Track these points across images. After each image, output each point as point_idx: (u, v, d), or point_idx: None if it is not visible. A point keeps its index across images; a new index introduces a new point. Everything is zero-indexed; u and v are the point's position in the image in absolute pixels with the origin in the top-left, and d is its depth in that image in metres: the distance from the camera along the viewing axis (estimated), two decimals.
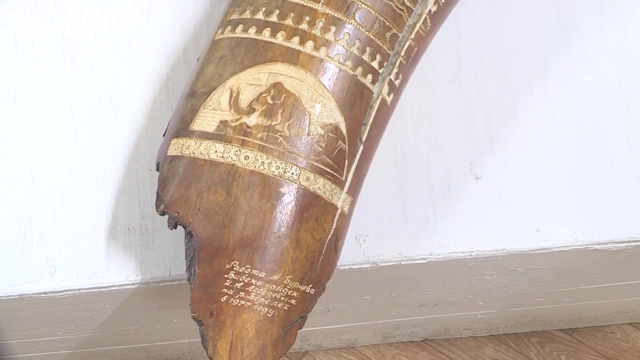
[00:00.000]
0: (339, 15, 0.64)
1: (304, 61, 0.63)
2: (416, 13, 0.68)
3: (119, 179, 0.71)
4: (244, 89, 0.63)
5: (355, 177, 0.64)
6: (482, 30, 0.78)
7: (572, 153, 0.73)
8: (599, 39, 0.77)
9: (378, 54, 0.65)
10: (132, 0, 0.77)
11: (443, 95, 0.75)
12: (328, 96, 0.63)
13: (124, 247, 0.69)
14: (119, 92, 0.74)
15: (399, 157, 0.73)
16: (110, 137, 0.72)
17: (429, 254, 0.70)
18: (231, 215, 0.60)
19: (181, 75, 0.74)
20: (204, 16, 0.76)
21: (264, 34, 0.64)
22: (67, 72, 0.74)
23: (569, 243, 0.70)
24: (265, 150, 0.61)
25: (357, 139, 0.64)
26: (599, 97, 0.75)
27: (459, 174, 0.72)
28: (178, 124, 0.64)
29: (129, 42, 0.75)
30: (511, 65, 0.76)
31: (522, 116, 0.74)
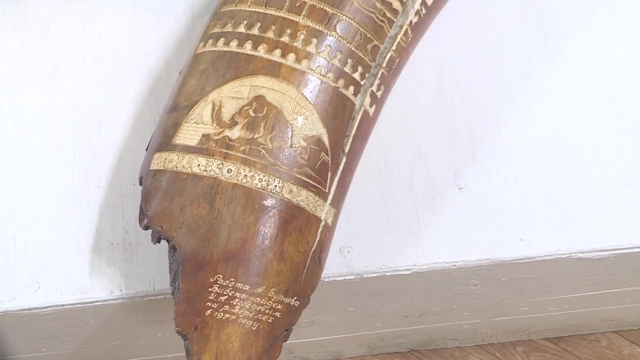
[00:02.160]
0: (320, 28, 0.64)
1: (286, 74, 0.63)
2: (397, 24, 0.68)
3: (102, 193, 0.71)
4: (226, 102, 0.63)
5: (338, 188, 0.64)
6: (463, 40, 0.78)
7: (554, 162, 0.73)
8: (580, 48, 0.78)
9: (360, 66, 0.65)
10: (113, 15, 0.77)
11: (425, 106, 0.75)
12: (310, 108, 0.63)
13: (107, 262, 0.69)
14: (101, 107, 0.73)
15: (382, 168, 0.73)
16: (93, 152, 0.72)
17: (413, 265, 0.70)
18: (215, 229, 0.60)
19: (163, 89, 0.74)
20: (186, 30, 0.76)
21: (246, 47, 0.64)
22: (49, 87, 0.74)
23: (552, 252, 0.71)
24: (247, 163, 0.61)
25: (340, 150, 0.64)
26: (581, 106, 0.75)
27: (442, 184, 0.72)
28: (161, 138, 0.64)
29: (111, 57, 0.75)
30: (493, 75, 0.76)
31: (505, 125, 0.74)
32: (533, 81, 0.76)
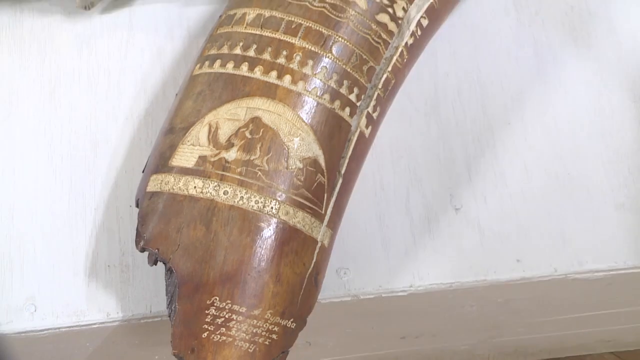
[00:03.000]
0: (315, 49, 0.65)
1: (282, 95, 0.63)
2: (393, 46, 0.68)
3: (99, 216, 0.71)
4: (222, 124, 0.63)
5: (334, 210, 0.64)
6: (458, 61, 0.78)
7: (550, 183, 0.73)
8: (574, 69, 0.78)
9: (355, 87, 0.65)
10: (110, 37, 0.77)
11: (421, 127, 0.75)
12: (306, 130, 0.63)
13: (104, 284, 0.68)
14: (98, 129, 0.73)
15: (378, 189, 0.73)
16: (89, 174, 0.72)
17: (409, 286, 0.70)
18: (211, 251, 0.60)
19: (160, 111, 0.74)
20: (182, 52, 0.77)
21: (242, 69, 0.64)
22: (46, 110, 0.74)
23: (548, 273, 0.71)
24: (244, 184, 0.61)
25: (336, 172, 0.64)
26: (576, 127, 0.75)
27: (438, 206, 0.72)
28: (157, 160, 0.64)
29: (108, 79, 0.75)
30: (488, 96, 0.77)
31: (500, 147, 0.75)
32: (528, 103, 0.76)
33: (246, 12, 0.67)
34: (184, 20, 0.78)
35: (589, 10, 0.81)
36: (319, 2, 0.66)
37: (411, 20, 0.69)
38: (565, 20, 0.80)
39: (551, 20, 0.80)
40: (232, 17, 0.67)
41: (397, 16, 0.68)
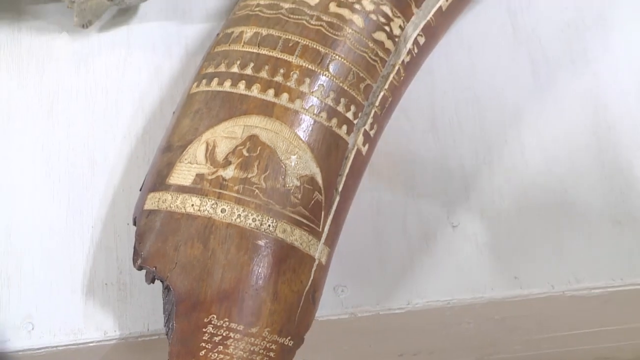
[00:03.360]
0: (313, 67, 0.65)
1: (279, 113, 0.63)
2: (389, 64, 0.68)
3: (97, 234, 0.71)
4: (219, 142, 0.63)
5: (332, 227, 0.64)
6: (455, 79, 0.78)
7: (546, 199, 0.73)
8: (571, 86, 0.78)
9: (352, 105, 0.65)
10: (108, 56, 0.77)
11: (418, 144, 0.75)
12: (304, 147, 0.63)
13: (102, 302, 0.68)
14: (95, 147, 0.74)
15: (375, 206, 0.73)
16: (87, 192, 0.72)
17: (407, 304, 0.70)
18: (208, 269, 0.60)
19: (157, 129, 0.74)
20: (180, 70, 0.77)
21: (239, 87, 0.64)
22: (44, 127, 0.74)
23: (546, 290, 0.70)
24: (241, 202, 0.61)
25: (334, 189, 0.64)
26: (572, 143, 0.76)
27: (436, 223, 0.72)
28: (154, 178, 0.64)
29: (105, 97, 0.76)
30: (485, 113, 0.77)
31: (497, 164, 0.75)
32: (525, 119, 0.76)
33: (243, 31, 0.67)
34: (182, 39, 0.78)
35: (585, 27, 0.81)
36: (316, 21, 0.66)
37: (408, 38, 0.69)
38: (562, 37, 0.80)
39: (547, 37, 0.81)
40: (229, 35, 0.68)
41: (394, 34, 0.68)
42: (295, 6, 0.67)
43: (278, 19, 0.66)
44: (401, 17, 0.69)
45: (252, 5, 0.68)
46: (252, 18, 0.67)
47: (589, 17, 0.81)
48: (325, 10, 0.67)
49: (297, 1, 0.67)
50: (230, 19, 0.70)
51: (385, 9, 0.68)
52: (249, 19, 0.67)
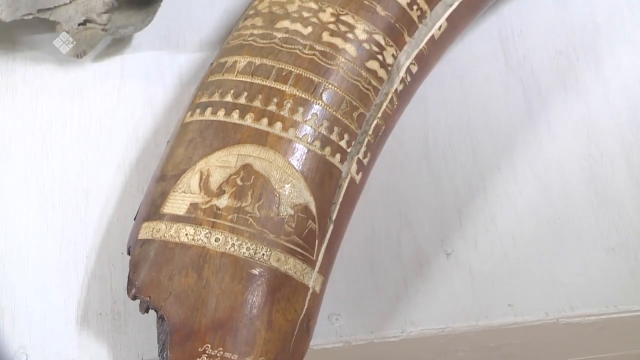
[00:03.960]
0: (306, 96, 0.65)
1: (273, 142, 0.64)
2: (383, 92, 0.69)
3: (91, 263, 0.70)
4: (213, 171, 0.63)
5: (326, 256, 0.64)
6: (448, 106, 0.79)
7: (540, 227, 0.74)
8: (563, 114, 0.79)
9: (346, 133, 0.66)
10: (102, 85, 0.77)
11: (412, 172, 0.76)
12: (297, 176, 0.63)
13: (96, 332, 0.68)
14: (89, 177, 0.74)
15: (369, 234, 0.73)
16: (81, 222, 0.72)
17: (401, 332, 0.70)
18: (203, 298, 0.60)
19: (151, 159, 0.74)
20: (174, 99, 0.77)
21: (233, 116, 0.64)
22: (38, 158, 0.74)
23: (540, 317, 0.70)
24: (235, 231, 0.61)
25: (327, 218, 0.64)
26: (565, 171, 0.76)
27: (430, 250, 0.73)
28: (149, 207, 0.64)
29: (99, 127, 0.76)
30: (478, 141, 0.77)
31: (491, 191, 0.75)
32: (517, 147, 0.77)
33: (237, 60, 0.67)
34: (176, 68, 0.79)
35: (576, 55, 0.82)
36: (309, 50, 0.66)
37: (401, 67, 0.70)
38: (554, 65, 0.81)
39: (539, 65, 0.81)
40: (223, 64, 0.68)
41: (387, 63, 0.69)
42: (288, 35, 0.67)
43: (271, 48, 0.67)
44: (394, 46, 0.69)
45: (245, 35, 0.69)
46: (245, 47, 0.68)
47: (580, 45, 0.82)
48: (319, 39, 0.67)
49: (290, 30, 0.67)
50: (224, 48, 0.70)
51: (378, 38, 0.68)
52: (242, 49, 0.68)
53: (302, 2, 0.69)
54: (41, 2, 0.71)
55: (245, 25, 0.70)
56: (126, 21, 0.76)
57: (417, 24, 0.71)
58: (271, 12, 0.69)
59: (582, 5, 0.84)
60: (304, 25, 0.67)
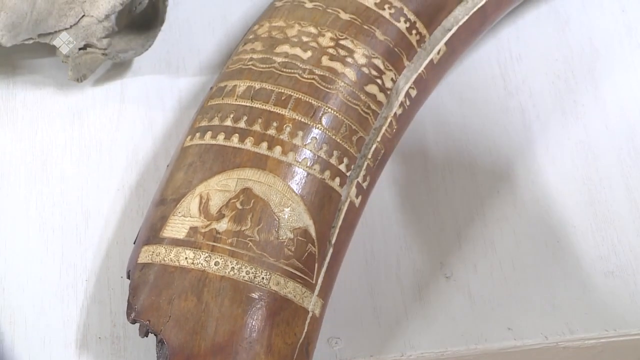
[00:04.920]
0: (305, 120, 0.65)
1: (273, 166, 0.64)
2: (382, 116, 0.69)
3: (90, 287, 0.70)
4: (213, 195, 0.63)
5: (325, 279, 0.64)
6: (447, 130, 0.79)
7: (539, 250, 0.74)
8: (562, 138, 0.79)
9: (345, 157, 0.66)
10: (102, 109, 0.78)
11: (411, 196, 0.76)
12: (297, 200, 0.63)
13: (95, 356, 0.68)
14: (89, 201, 0.74)
15: (369, 258, 0.73)
16: (80, 246, 0.72)
17: (400, 355, 0.70)
18: (202, 322, 0.60)
19: (151, 182, 0.74)
20: (174, 123, 0.77)
21: (233, 140, 0.65)
22: (38, 181, 0.74)
23: (540, 341, 0.70)
24: (235, 255, 0.61)
25: (327, 241, 0.64)
26: (564, 195, 0.76)
27: (429, 274, 0.73)
28: (148, 231, 0.64)
29: (99, 150, 0.76)
30: (477, 165, 0.77)
31: (490, 215, 0.75)
32: (516, 171, 0.77)
33: (237, 84, 0.67)
34: (176, 92, 0.79)
35: (575, 79, 0.82)
36: (308, 74, 0.67)
37: (400, 91, 0.70)
38: (552, 89, 0.81)
39: (538, 89, 0.81)
40: (222, 89, 0.68)
41: (386, 87, 0.69)
42: (288, 60, 0.67)
43: (271, 72, 0.67)
44: (393, 70, 0.70)
45: (245, 59, 0.69)
46: (245, 72, 0.68)
47: (579, 69, 0.82)
48: (318, 63, 0.67)
49: (289, 55, 0.68)
50: (224, 72, 0.70)
51: (377, 62, 0.69)
52: (242, 73, 0.68)
53: (301, 27, 0.69)
54: (42, 27, 0.72)
55: (245, 50, 0.70)
56: (126, 45, 0.76)
57: (416, 48, 0.72)
58: (271, 36, 0.69)
59: (580, 29, 0.85)
60: (304, 50, 0.68)
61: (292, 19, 0.70)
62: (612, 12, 0.86)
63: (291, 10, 0.71)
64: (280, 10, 0.71)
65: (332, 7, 0.70)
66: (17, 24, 0.71)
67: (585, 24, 0.85)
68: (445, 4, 0.73)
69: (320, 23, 0.69)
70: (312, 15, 0.70)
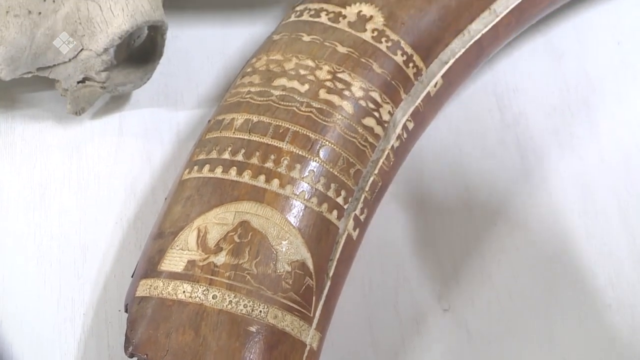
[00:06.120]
0: (303, 153, 0.65)
1: (270, 199, 0.64)
2: (379, 149, 0.69)
3: (88, 321, 0.70)
4: (211, 228, 0.63)
5: (323, 312, 0.64)
6: (444, 162, 0.79)
7: (536, 284, 0.74)
8: (558, 170, 0.79)
9: (343, 190, 0.66)
10: (100, 142, 0.78)
11: (408, 228, 0.76)
12: (294, 233, 0.63)
13: None
14: (87, 234, 0.74)
15: (367, 291, 0.73)
16: (78, 279, 0.72)
17: None
18: (200, 356, 0.60)
19: (149, 215, 0.74)
20: (172, 156, 0.78)
21: (230, 173, 0.65)
22: (36, 215, 0.74)
23: None
24: (233, 288, 0.61)
25: (324, 274, 0.64)
26: (561, 228, 0.76)
27: (427, 307, 0.73)
28: (146, 264, 0.64)
29: (97, 183, 0.76)
30: (474, 197, 0.77)
31: (487, 247, 0.75)
32: (513, 202, 0.77)
33: (235, 118, 0.68)
34: (174, 125, 0.79)
35: (571, 112, 0.82)
36: (306, 107, 0.67)
37: (397, 124, 0.70)
38: (548, 122, 0.82)
39: (534, 121, 0.82)
40: (220, 122, 0.68)
41: (383, 120, 0.69)
42: (285, 93, 0.68)
43: (269, 105, 0.67)
44: (390, 103, 0.70)
45: (243, 93, 0.69)
46: (243, 105, 0.68)
47: (575, 101, 0.83)
48: (315, 96, 0.68)
49: (287, 88, 0.68)
50: (222, 105, 0.71)
51: (374, 95, 0.69)
52: (240, 106, 0.68)
53: (299, 60, 0.69)
54: (40, 61, 0.72)
55: (243, 83, 0.70)
56: (125, 79, 0.76)
57: (413, 81, 0.72)
58: (268, 70, 0.70)
59: (575, 62, 0.85)
60: (301, 83, 0.68)
61: (290, 52, 0.70)
62: (607, 45, 0.87)
63: (289, 44, 0.71)
64: (277, 44, 0.72)
65: (330, 41, 0.70)
66: (16, 58, 0.71)
67: (580, 57, 0.86)
68: (442, 37, 0.74)
69: (318, 56, 0.69)
70: (310, 49, 0.70)
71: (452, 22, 0.74)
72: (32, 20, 0.71)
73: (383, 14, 0.72)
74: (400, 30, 0.72)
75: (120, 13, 0.72)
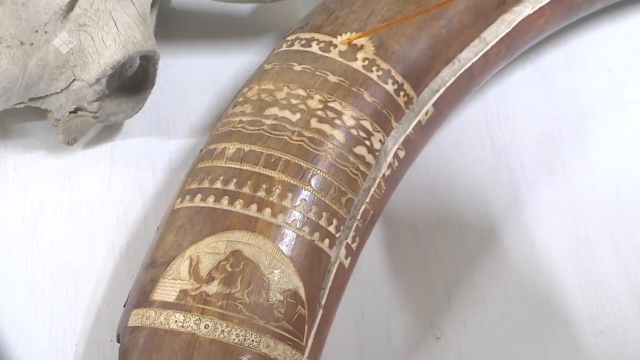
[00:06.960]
0: (295, 182, 0.66)
1: (262, 228, 0.64)
2: (370, 177, 0.69)
3: (80, 351, 0.70)
4: (203, 257, 0.63)
5: (315, 341, 0.64)
6: (436, 190, 0.79)
7: (529, 310, 0.74)
8: (549, 197, 0.79)
9: (334, 219, 0.66)
10: (92, 172, 0.78)
11: (400, 256, 0.76)
12: (286, 262, 0.64)
13: None
14: (79, 263, 0.74)
15: (359, 319, 0.73)
16: (70, 309, 0.72)
17: None
18: None
19: (142, 244, 0.74)
20: (164, 185, 0.78)
21: (222, 203, 0.65)
22: (28, 244, 0.74)
23: None
24: (225, 318, 0.61)
25: (317, 303, 0.64)
26: (552, 254, 0.76)
27: (419, 334, 0.72)
28: (138, 294, 0.64)
29: (90, 213, 0.76)
30: (466, 224, 0.78)
31: (479, 274, 0.75)
32: (504, 229, 0.77)
33: (226, 147, 0.68)
34: (166, 154, 0.79)
35: (562, 138, 0.83)
36: (297, 136, 0.67)
37: (388, 152, 0.71)
38: (539, 149, 0.82)
39: (525, 149, 0.82)
40: (212, 151, 0.69)
41: (375, 148, 0.69)
42: (277, 122, 0.68)
43: (260, 134, 0.67)
44: (381, 132, 0.70)
45: (234, 122, 0.69)
46: (234, 134, 0.68)
47: (565, 129, 0.83)
48: (307, 125, 0.68)
49: (278, 117, 0.68)
50: (213, 135, 0.71)
51: (365, 124, 0.69)
52: (231, 135, 0.68)
53: (290, 90, 0.70)
54: (33, 91, 0.72)
55: (235, 112, 0.70)
56: (117, 108, 0.76)
57: (404, 110, 0.72)
58: (260, 99, 0.70)
59: (566, 89, 0.86)
60: (293, 112, 0.68)
61: (281, 82, 0.70)
62: (597, 72, 0.87)
63: (280, 73, 0.71)
64: (269, 73, 0.72)
65: (321, 70, 0.71)
66: (8, 89, 0.71)
67: (570, 84, 0.86)
68: (433, 65, 0.74)
69: (309, 85, 0.70)
70: (301, 78, 0.70)
71: (443, 51, 0.75)
72: (24, 51, 0.71)
73: (374, 43, 0.72)
74: (390, 59, 0.72)
75: (112, 43, 0.72)
